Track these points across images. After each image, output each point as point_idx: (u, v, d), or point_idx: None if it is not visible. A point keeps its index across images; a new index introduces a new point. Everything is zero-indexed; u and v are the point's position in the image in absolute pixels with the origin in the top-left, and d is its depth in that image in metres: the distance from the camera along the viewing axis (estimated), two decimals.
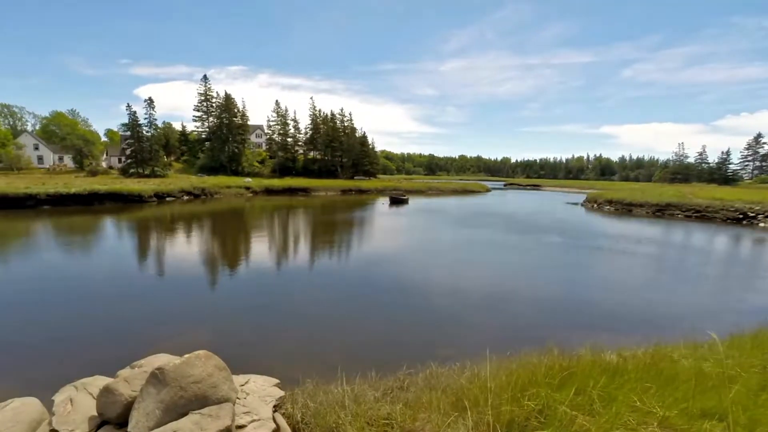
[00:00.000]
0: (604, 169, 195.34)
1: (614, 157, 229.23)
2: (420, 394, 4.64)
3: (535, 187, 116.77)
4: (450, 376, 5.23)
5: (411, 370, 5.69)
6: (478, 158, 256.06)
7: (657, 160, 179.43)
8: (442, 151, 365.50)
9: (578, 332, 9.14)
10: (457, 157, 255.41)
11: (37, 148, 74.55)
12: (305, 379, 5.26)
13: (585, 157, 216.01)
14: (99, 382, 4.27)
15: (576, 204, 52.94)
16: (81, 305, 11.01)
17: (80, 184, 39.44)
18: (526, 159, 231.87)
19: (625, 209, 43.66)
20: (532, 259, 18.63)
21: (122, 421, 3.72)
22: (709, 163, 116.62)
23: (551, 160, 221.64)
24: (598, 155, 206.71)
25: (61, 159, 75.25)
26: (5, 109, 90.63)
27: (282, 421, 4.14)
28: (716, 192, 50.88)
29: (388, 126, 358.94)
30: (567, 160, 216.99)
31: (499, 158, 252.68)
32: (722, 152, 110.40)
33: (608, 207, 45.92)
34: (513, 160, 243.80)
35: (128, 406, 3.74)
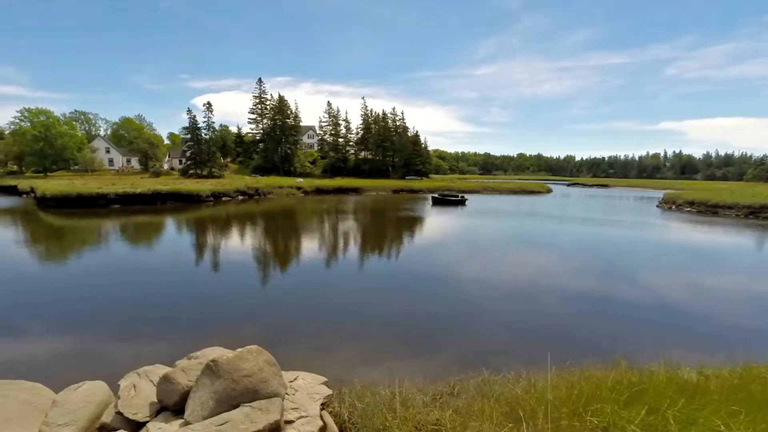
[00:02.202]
0: (684, 167, 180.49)
1: (696, 153, 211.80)
2: (471, 402, 4.56)
3: (603, 186, 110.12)
4: (504, 385, 5.08)
5: (462, 376, 5.60)
6: (538, 156, 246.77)
7: (750, 156, 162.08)
8: (495, 150, 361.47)
9: (650, 345, 8.51)
10: (515, 155, 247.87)
11: (108, 151, 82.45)
12: (353, 379, 5.36)
13: (662, 154, 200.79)
14: (159, 370, 4.62)
15: (644, 198, 49.24)
16: (146, 298, 12.00)
17: (145, 184, 42.98)
18: (592, 157, 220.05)
19: (710, 211, 39.88)
20: (599, 261, 17.57)
21: (179, 408, 4.01)
22: None
23: (621, 157, 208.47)
24: (677, 151, 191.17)
25: (128, 161, 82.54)
26: (81, 116, 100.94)
27: (329, 420, 4.25)
28: None
29: (432, 127, 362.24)
30: (640, 157, 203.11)
31: (562, 156, 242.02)
32: None
33: (689, 208, 42.24)
34: (577, 158, 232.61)
35: (185, 395, 4.01)
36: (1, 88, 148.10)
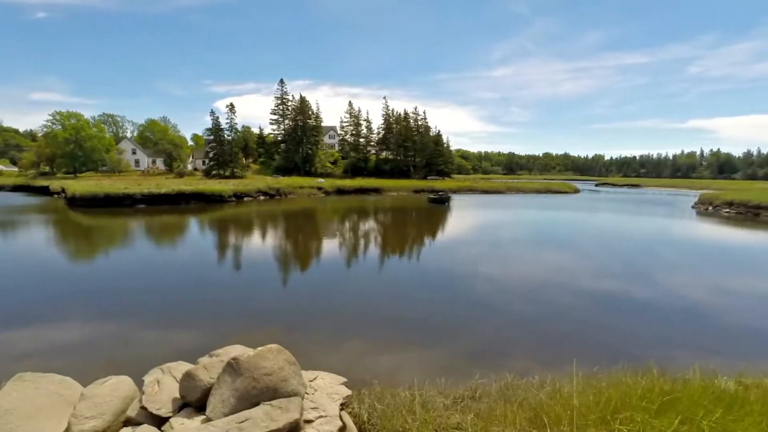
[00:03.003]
0: (722, 167, 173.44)
1: (734, 152, 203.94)
2: (494, 406, 4.50)
3: (634, 187, 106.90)
4: (528, 390, 5.00)
5: (484, 380, 5.53)
6: (565, 156, 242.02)
7: None
8: (520, 149, 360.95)
9: (684, 351, 8.22)
10: (540, 155, 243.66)
11: (134, 153, 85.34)
12: (372, 380, 5.37)
13: (697, 153, 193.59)
14: (182, 367, 4.75)
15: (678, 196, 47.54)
16: (169, 295, 12.37)
17: (169, 184, 44.24)
18: (622, 156, 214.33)
19: (751, 212, 38.12)
20: (628, 262, 17.05)
21: (201, 404, 4.10)
22: None
23: (654, 156, 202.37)
24: (714, 150, 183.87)
25: (153, 162, 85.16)
26: (109, 118, 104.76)
27: (348, 420, 4.27)
28: None
29: (453, 127, 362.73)
30: (674, 155, 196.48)
31: (590, 155, 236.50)
32: None
33: (727, 210, 40.53)
34: (607, 158, 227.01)
35: (206, 392, 4.11)
36: (45, 95, 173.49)
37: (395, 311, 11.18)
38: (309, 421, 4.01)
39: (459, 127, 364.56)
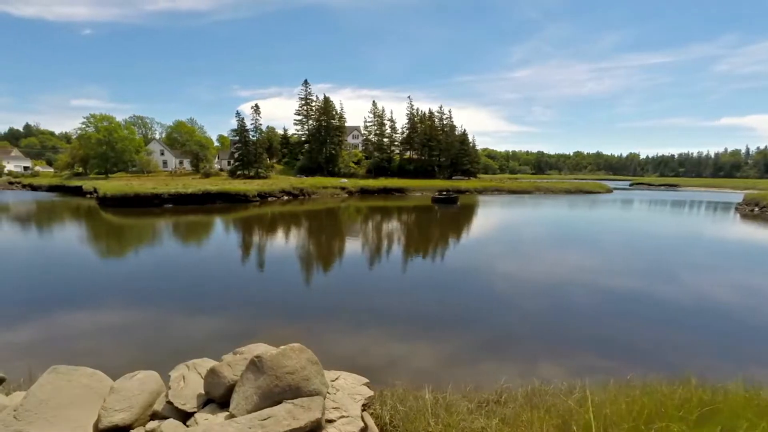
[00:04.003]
0: None
1: None
2: (519, 411, 4.42)
3: (672, 187, 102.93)
4: (556, 396, 4.89)
5: (509, 384, 5.45)
6: (598, 155, 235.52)
7: None
8: (549, 148, 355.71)
9: (725, 361, 7.86)
10: (571, 153, 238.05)
11: (162, 154, 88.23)
12: (395, 381, 5.37)
13: (743, 151, 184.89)
14: (207, 363, 4.87)
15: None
16: (195, 295, 12.72)
17: (195, 185, 45.51)
18: (659, 154, 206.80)
19: None
20: (667, 266, 16.44)
21: (224, 401, 4.20)
22: None
23: (693, 154, 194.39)
24: (761, 147, 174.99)
25: (181, 163, 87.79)
26: (139, 120, 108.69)
27: (370, 421, 4.28)
28: None
29: (476, 127, 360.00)
30: (717, 154, 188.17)
31: (624, 154, 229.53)
32: None
33: None
34: (642, 156, 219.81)
35: (230, 389, 4.20)
36: (84, 102, 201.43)
37: (417, 311, 11.15)
38: (331, 421, 4.04)
39: (481, 127, 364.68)
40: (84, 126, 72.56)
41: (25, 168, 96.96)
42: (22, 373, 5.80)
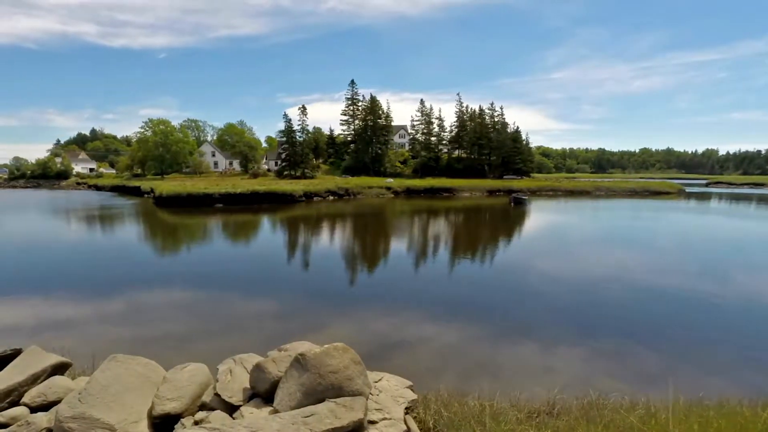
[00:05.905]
0: None
1: None
2: (574, 425, 4.22)
3: (757, 186, 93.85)
4: (615, 411, 4.61)
5: (563, 395, 5.21)
6: (668, 151, 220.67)
7: None
8: (611, 145, 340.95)
9: None
10: (636, 150, 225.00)
11: (213, 155, 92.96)
12: (439, 386, 5.31)
13: None
14: (252, 359, 5.06)
15: None
16: (246, 291, 13.26)
17: (244, 185, 47.50)
18: (742, 150, 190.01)
19: None
20: (742, 272, 15.10)
21: (269, 396, 4.34)
22: None
23: None
24: None
25: (231, 163, 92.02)
26: (193, 123, 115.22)
27: (413, 425, 4.26)
28: None
29: (525, 126, 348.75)
30: None
31: (699, 150, 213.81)
32: None
33: None
34: (722, 153, 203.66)
35: (274, 384, 4.34)
36: (151, 111, 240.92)
37: (465, 316, 10.99)
38: (373, 422, 4.06)
39: (531, 126, 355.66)
40: (143, 130, 78.00)
41: (91, 169, 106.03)
42: (86, 360, 6.31)
